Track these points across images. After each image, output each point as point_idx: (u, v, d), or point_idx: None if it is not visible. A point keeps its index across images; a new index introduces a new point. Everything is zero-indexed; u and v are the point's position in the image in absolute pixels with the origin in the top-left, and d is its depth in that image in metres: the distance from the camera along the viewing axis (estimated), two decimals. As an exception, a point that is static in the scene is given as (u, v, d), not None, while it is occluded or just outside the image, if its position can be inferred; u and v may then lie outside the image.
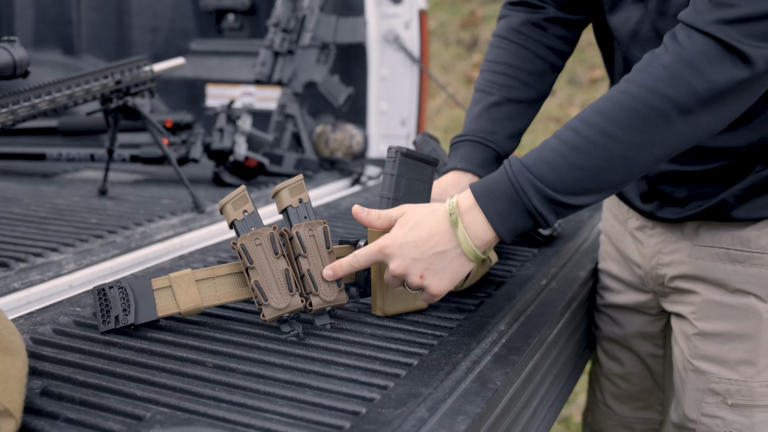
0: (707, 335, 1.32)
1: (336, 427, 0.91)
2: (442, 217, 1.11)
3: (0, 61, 1.58)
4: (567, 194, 1.06)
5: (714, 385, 1.32)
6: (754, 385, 1.28)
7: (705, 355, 1.33)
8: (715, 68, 1.00)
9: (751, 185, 1.24)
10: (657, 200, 1.35)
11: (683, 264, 1.34)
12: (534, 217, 1.08)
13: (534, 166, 1.07)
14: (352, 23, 2.55)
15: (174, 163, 1.98)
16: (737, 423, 1.29)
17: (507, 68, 1.38)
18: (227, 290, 1.22)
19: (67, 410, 0.95)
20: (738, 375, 1.29)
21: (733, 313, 1.29)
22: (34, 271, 1.50)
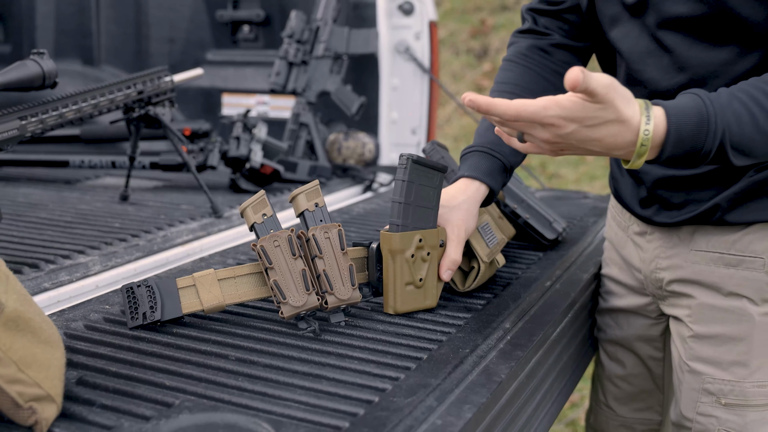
0: (702, 337, 1.37)
1: (351, 413, 0.98)
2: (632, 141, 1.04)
3: (30, 73, 1.66)
4: (738, 153, 1.07)
5: (708, 386, 1.36)
6: (747, 385, 1.33)
7: (700, 357, 1.38)
8: None
9: (743, 190, 1.28)
10: (655, 205, 1.40)
11: (680, 268, 1.39)
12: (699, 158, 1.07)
13: (726, 111, 1.06)
14: (364, 34, 2.62)
15: (193, 170, 2.05)
16: (731, 422, 1.34)
17: (514, 87, 1.45)
18: (247, 289, 1.30)
19: (101, 398, 1.02)
20: (731, 376, 1.34)
21: (726, 316, 1.34)
22: (62, 272, 1.57)
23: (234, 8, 3.02)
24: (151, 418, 0.97)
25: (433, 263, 1.34)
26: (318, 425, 0.95)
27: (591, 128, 1.03)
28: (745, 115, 1.07)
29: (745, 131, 1.07)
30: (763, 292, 1.30)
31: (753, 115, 1.07)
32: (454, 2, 7.13)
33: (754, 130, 1.07)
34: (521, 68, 1.47)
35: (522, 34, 1.52)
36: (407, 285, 1.32)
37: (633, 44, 1.30)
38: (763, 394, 1.31)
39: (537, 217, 1.73)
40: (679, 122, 1.05)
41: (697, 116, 1.06)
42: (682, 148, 1.06)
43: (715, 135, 1.06)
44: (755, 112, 1.07)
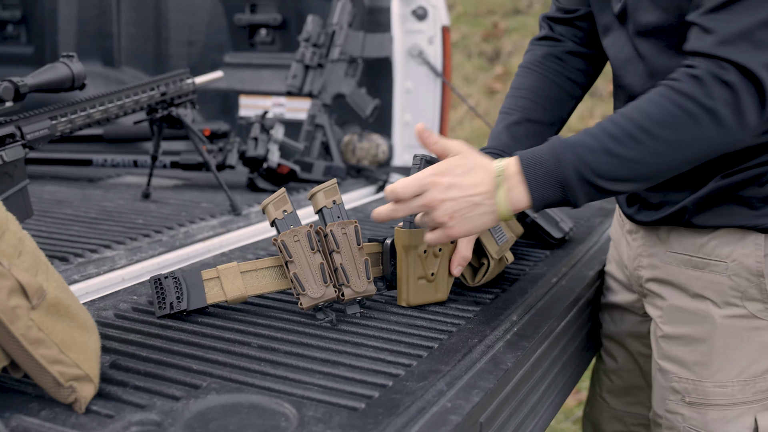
0: (671, 338, 1.42)
1: (367, 396, 1.05)
2: (490, 175, 1.21)
3: (61, 75, 1.74)
4: (599, 177, 1.17)
5: (675, 384, 1.41)
6: (708, 385, 1.36)
7: (668, 356, 1.42)
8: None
9: (708, 194, 1.31)
10: (637, 204, 1.45)
11: (657, 268, 1.44)
12: (565, 190, 1.19)
13: (576, 146, 1.18)
14: (378, 39, 2.69)
15: (213, 170, 2.13)
16: (694, 419, 1.39)
17: (528, 93, 1.52)
18: (268, 281, 1.37)
19: (134, 380, 1.10)
20: (694, 375, 1.38)
21: (692, 317, 1.38)
22: (90, 265, 1.65)
23: (251, 12, 3.10)
24: (181, 398, 1.04)
25: (444, 259, 1.41)
26: (336, 406, 1.02)
27: (462, 175, 1.21)
28: (594, 143, 1.17)
29: (600, 158, 1.16)
30: (726, 296, 1.34)
31: (601, 141, 1.17)
32: (466, 5, 7.19)
33: (607, 157, 1.16)
34: (536, 75, 1.55)
35: (538, 42, 1.60)
36: (419, 279, 1.39)
37: (618, 51, 1.38)
38: (723, 394, 1.35)
39: (544, 217, 1.80)
40: (526, 155, 1.21)
41: (547, 150, 1.20)
42: (539, 179, 1.19)
43: (564, 163, 1.17)
44: (603, 140, 1.17)
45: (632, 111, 1.18)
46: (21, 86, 1.64)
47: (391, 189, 1.24)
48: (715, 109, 1.12)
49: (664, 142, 1.15)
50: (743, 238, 1.32)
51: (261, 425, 0.97)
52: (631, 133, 1.16)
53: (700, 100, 1.13)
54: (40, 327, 1.00)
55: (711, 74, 1.13)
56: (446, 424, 0.99)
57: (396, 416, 0.99)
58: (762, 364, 1.34)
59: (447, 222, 1.22)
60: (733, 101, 1.12)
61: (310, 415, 0.99)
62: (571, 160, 1.17)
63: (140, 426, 0.97)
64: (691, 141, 1.15)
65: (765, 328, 1.33)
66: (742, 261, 1.32)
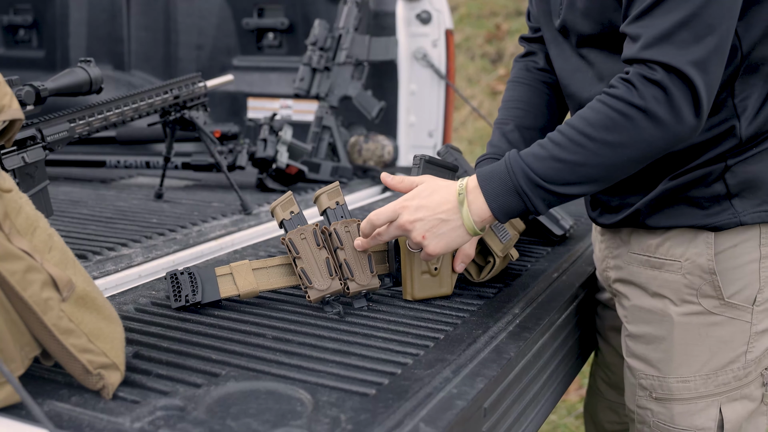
0: (635, 336, 1.48)
1: (377, 383, 1.11)
2: (453, 193, 1.32)
3: (79, 79, 1.81)
4: (549, 182, 1.25)
5: (642, 381, 1.46)
6: (671, 380, 1.42)
7: (635, 354, 1.48)
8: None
9: (658, 196, 1.37)
10: (599, 208, 1.51)
11: (621, 269, 1.50)
12: (522, 198, 1.27)
13: (525, 156, 1.27)
14: (384, 42, 2.76)
15: (225, 170, 2.20)
16: (661, 414, 1.44)
17: (518, 103, 1.61)
18: (278, 278, 1.44)
19: (157, 368, 1.16)
20: (658, 372, 1.43)
21: (652, 316, 1.44)
22: (108, 262, 1.72)
23: (259, 16, 3.17)
24: (202, 385, 1.10)
25: (447, 254, 1.47)
26: (349, 392, 1.08)
27: (428, 197, 1.32)
28: (541, 152, 1.25)
29: (547, 165, 1.24)
30: (681, 293, 1.39)
31: (547, 149, 1.25)
32: (469, 7, 7.25)
33: (554, 163, 1.24)
34: (524, 86, 1.64)
35: (521, 59, 1.70)
36: (423, 273, 1.45)
37: (564, 62, 1.46)
38: (686, 388, 1.41)
39: (546, 215, 1.86)
40: (483, 170, 1.32)
41: (502, 163, 1.29)
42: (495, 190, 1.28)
43: (515, 172, 1.27)
44: (549, 148, 1.25)
45: (574, 119, 1.26)
46: (41, 90, 1.71)
47: (367, 220, 1.36)
48: (647, 108, 1.19)
49: (603, 144, 1.22)
50: (695, 237, 1.37)
51: (278, 409, 1.04)
52: (573, 139, 1.23)
53: (633, 101, 1.19)
54: (71, 318, 1.06)
55: (640, 76, 1.19)
56: (452, 408, 1.05)
57: (405, 401, 1.05)
58: (721, 358, 1.39)
59: (422, 241, 1.32)
60: (664, 98, 1.18)
61: (324, 400, 1.05)
62: (522, 168, 1.26)
63: (165, 410, 1.03)
64: (631, 141, 1.21)
65: (721, 323, 1.38)
66: (695, 260, 1.37)
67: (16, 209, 1.08)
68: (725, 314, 1.38)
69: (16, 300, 1.02)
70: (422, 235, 1.32)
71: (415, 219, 1.31)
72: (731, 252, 1.36)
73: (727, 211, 1.34)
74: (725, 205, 1.35)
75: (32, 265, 1.03)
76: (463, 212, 1.30)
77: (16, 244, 1.03)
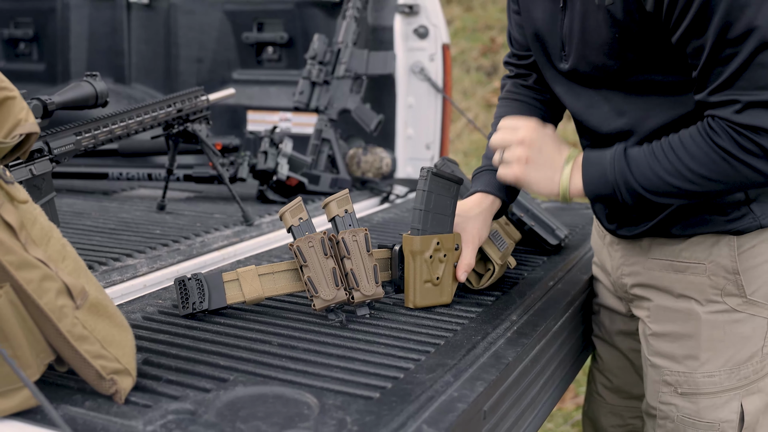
0: (659, 335, 1.54)
1: (380, 387, 1.15)
2: (564, 153, 1.43)
3: (85, 93, 1.84)
4: (645, 190, 1.33)
5: (667, 377, 1.53)
6: (698, 376, 1.48)
7: (659, 352, 1.54)
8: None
9: (681, 207, 1.45)
10: (616, 221, 1.58)
11: (640, 275, 1.56)
12: (616, 191, 1.35)
13: (629, 159, 1.35)
14: (382, 56, 2.80)
15: (227, 182, 2.24)
16: (687, 408, 1.51)
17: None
18: (284, 283, 1.47)
19: (166, 374, 1.20)
20: (685, 368, 1.50)
21: (677, 315, 1.50)
22: (114, 272, 1.75)
23: (259, 31, 3.21)
24: (211, 390, 1.14)
25: (448, 264, 1.51)
26: (353, 396, 1.12)
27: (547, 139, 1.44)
28: (643, 160, 1.33)
29: (647, 175, 1.32)
30: (707, 294, 1.47)
31: (649, 163, 1.32)
32: (465, 21, 7.32)
33: (653, 176, 1.32)
34: (514, 102, 1.70)
35: (509, 78, 1.76)
36: (426, 282, 1.49)
37: (575, 99, 1.51)
38: (712, 383, 1.47)
39: (541, 225, 1.90)
40: (591, 154, 1.40)
41: (608, 154, 1.37)
42: (593, 177, 1.38)
43: (617, 170, 1.35)
44: (651, 161, 1.32)
45: (677, 143, 1.32)
46: (49, 104, 1.75)
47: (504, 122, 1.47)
48: (751, 164, 1.26)
49: (703, 177, 1.30)
50: (718, 241, 1.44)
51: (286, 413, 1.07)
52: (675, 164, 1.31)
53: (738, 156, 1.26)
54: (84, 325, 1.10)
55: (746, 137, 1.25)
56: (453, 411, 1.09)
57: (408, 404, 1.09)
58: (744, 353, 1.46)
59: (524, 161, 1.42)
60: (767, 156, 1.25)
61: (330, 403, 1.09)
62: (623, 169, 1.34)
63: (176, 414, 1.07)
64: (730, 181, 1.30)
65: (744, 320, 1.46)
66: (719, 262, 1.45)
67: (32, 220, 1.12)
68: (747, 311, 1.46)
69: (32, 307, 1.06)
70: (527, 157, 1.41)
71: (533, 142, 1.42)
72: (750, 252, 1.44)
73: (748, 216, 1.42)
74: (744, 210, 1.42)
75: (47, 273, 1.07)
76: (565, 172, 1.41)
77: (32, 254, 1.07)
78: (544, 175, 1.42)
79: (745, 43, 1.20)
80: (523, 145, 1.42)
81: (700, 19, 1.21)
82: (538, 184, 1.42)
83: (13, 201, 1.09)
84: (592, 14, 1.35)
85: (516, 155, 1.42)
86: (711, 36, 1.22)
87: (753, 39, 1.19)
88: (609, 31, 1.34)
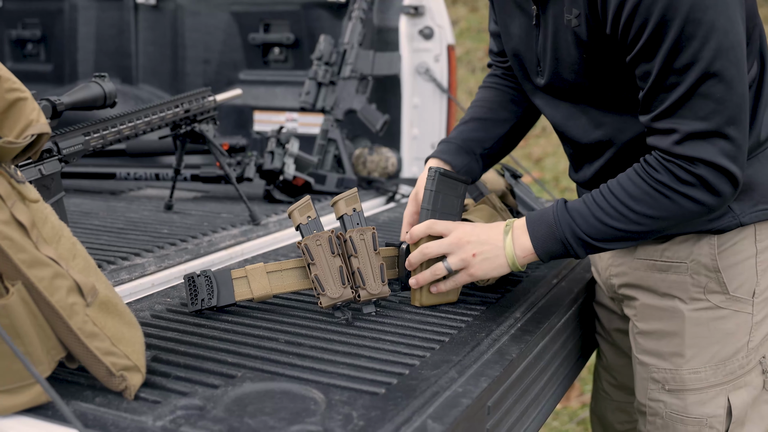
0: (646, 333, 1.56)
1: (386, 383, 1.17)
2: (500, 226, 1.44)
3: (94, 94, 1.87)
4: (591, 238, 1.36)
5: (654, 374, 1.55)
6: (684, 372, 1.50)
7: (646, 350, 1.56)
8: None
9: None
10: None
11: (626, 275, 1.59)
12: (566, 246, 1.38)
13: (571, 211, 1.38)
14: (387, 57, 2.82)
15: (234, 182, 2.25)
16: (674, 404, 1.52)
17: (477, 101, 1.74)
18: (292, 281, 1.49)
19: (175, 371, 1.22)
20: (671, 365, 1.52)
21: (663, 314, 1.53)
22: (123, 271, 1.77)
23: (265, 32, 3.23)
24: (220, 386, 1.16)
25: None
26: (360, 391, 1.14)
27: (476, 227, 1.46)
28: (585, 210, 1.36)
29: (591, 223, 1.35)
30: (690, 292, 1.49)
31: (592, 212, 1.35)
32: (470, 21, 7.33)
33: (597, 223, 1.35)
34: (484, 89, 1.76)
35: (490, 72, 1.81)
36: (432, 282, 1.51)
37: (553, 111, 1.54)
38: (698, 379, 1.49)
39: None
40: (532, 214, 1.43)
41: (550, 212, 1.40)
42: (542, 235, 1.39)
43: (562, 225, 1.38)
44: (593, 209, 1.35)
45: (616, 187, 1.36)
46: (58, 104, 1.77)
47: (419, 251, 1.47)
48: (690, 195, 1.30)
49: (645, 216, 1.33)
50: (699, 240, 1.47)
51: (293, 408, 1.09)
52: (616, 207, 1.34)
53: (676, 188, 1.30)
54: (95, 322, 1.12)
55: (682, 168, 1.29)
56: (458, 406, 1.10)
57: (413, 399, 1.11)
58: (728, 349, 1.48)
59: (471, 260, 1.42)
60: (706, 187, 1.29)
61: (336, 399, 1.11)
62: (568, 223, 1.37)
63: (185, 410, 1.09)
64: (672, 215, 1.33)
65: (728, 316, 1.48)
66: (699, 260, 1.47)
67: (43, 219, 1.14)
68: (731, 308, 1.48)
69: (43, 305, 1.07)
70: (473, 253, 1.42)
71: (469, 239, 1.43)
72: (731, 250, 1.46)
73: (727, 214, 1.44)
74: (724, 209, 1.44)
75: (59, 271, 1.09)
76: (507, 242, 1.41)
77: (44, 252, 1.09)
78: (494, 259, 1.42)
79: (689, 72, 1.24)
80: (461, 245, 1.43)
81: (651, 45, 1.26)
82: (494, 271, 1.43)
83: (25, 200, 1.10)
84: (562, 34, 1.39)
85: (461, 259, 1.43)
86: (658, 62, 1.26)
87: (696, 69, 1.23)
88: (576, 51, 1.38)
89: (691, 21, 1.21)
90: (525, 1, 1.46)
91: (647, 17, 1.24)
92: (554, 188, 5.42)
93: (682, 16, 1.21)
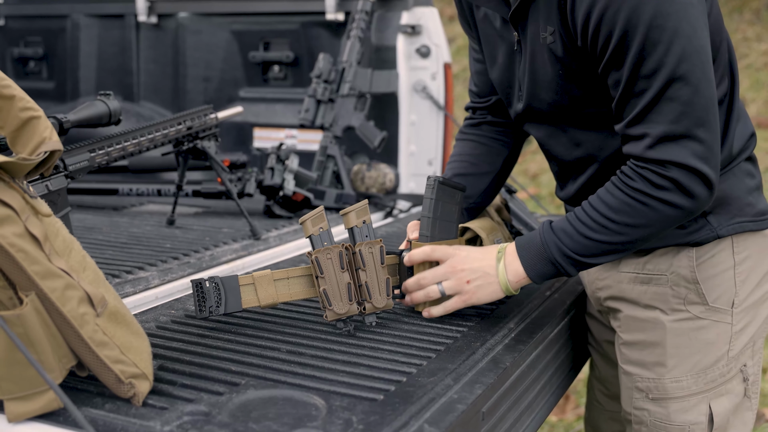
0: (630, 344, 1.61)
1: (384, 389, 1.21)
2: (493, 252, 1.49)
3: (99, 111, 1.92)
4: (578, 255, 1.41)
5: (638, 383, 1.59)
6: (666, 381, 1.54)
7: (630, 360, 1.61)
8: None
9: None
10: None
11: (611, 287, 1.63)
12: (556, 266, 1.43)
13: (557, 231, 1.43)
14: (385, 75, 2.88)
15: (235, 198, 2.30)
16: (658, 413, 1.57)
17: (456, 156, 1.78)
18: (298, 289, 1.52)
19: (181, 379, 1.26)
20: (654, 374, 1.56)
21: (645, 325, 1.57)
22: (127, 284, 1.82)
23: (265, 50, 3.29)
24: (224, 393, 1.20)
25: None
26: (359, 398, 1.18)
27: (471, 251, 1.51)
28: (570, 230, 1.41)
29: (576, 240, 1.40)
30: (670, 303, 1.54)
31: (576, 229, 1.41)
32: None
33: (582, 239, 1.40)
34: (462, 142, 1.80)
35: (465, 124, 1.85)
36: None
37: (536, 130, 1.60)
38: (680, 387, 1.54)
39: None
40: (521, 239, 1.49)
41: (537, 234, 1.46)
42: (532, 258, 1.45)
43: (549, 246, 1.43)
44: (577, 226, 1.40)
45: (596, 201, 1.41)
46: (64, 122, 1.82)
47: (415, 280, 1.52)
48: (666, 199, 1.35)
49: (625, 225, 1.38)
50: (678, 252, 1.52)
51: (295, 414, 1.14)
52: (597, 221, 1.39)
53: (652, 194, 1.35)
54: (104, 331, 1.16)
55: (654, 173, 1.34)
56: (453, 411, 1.15)
57: (410, 404, 1.15)
58: (709, 358, 1.53)
59: (465, 287, 1.47)
60: (681, 190, 1.34)
61: (336, 405, 1.15)
62: (555, 243, 1.43)
63: (191, 415, 1.13)
64: (651, 222, 1.38)
65: (708, 326, 1.52)
66: (679, 272, 1.52)
67: (54, 232, 1.19)
68: (710, 318, 1.52)
69: (55, 315, 1.12)
70: (467, 280, 1.47)
71: (464, 267, 1.48)
72: (710, 262, 1.51)
73: (705, 227, 1.49)
74: (702, 222, 1.49)
75: (70, 283, 1.14)
76: (500, 269, 1.47)
77: (56, 264, 1.13)
78: (488, 286, 1.48)
79: (655, 77, 1.29)
80: (455, 272, 1.49)
81: (618, 53, 1.31)
82: (488, 297, 1.49)
83: (38, 214, 1.15)
84: (539, 53, 1.44)
85: (455, 285, 1.49)
86: (626, 69, 1.31)
87: (662, 74, 1.29)
88: (553, 68, 1.43)
89: (655, 27, 1.27)
90: (506, 30, 1.52)
91: (612, 26, 1.29)
92: (550, 204, 5.48)
93: (646, 23, 1.27)
